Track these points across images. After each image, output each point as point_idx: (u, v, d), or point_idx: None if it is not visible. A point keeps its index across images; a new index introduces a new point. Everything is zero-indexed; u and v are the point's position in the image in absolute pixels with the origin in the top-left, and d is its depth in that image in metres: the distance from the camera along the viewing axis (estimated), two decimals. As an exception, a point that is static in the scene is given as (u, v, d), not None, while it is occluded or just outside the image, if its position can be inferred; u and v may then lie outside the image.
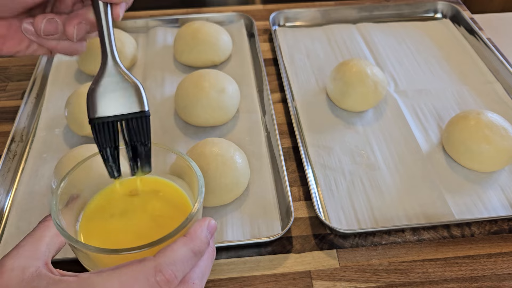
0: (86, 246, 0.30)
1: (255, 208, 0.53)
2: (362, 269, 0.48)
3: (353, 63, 0.64)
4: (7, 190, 0.55)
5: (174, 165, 0.37)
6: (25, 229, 0.51)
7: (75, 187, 0.35)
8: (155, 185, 0.38)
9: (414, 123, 0.64)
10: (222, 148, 0.53)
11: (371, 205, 0.54)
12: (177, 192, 0.38)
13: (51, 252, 0.32)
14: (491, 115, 0.57)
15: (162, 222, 0.36)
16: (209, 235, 0.32)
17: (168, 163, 0.38)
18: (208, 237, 0.32)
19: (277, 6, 0.88)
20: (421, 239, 0.51)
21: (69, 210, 0.34)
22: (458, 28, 0.82)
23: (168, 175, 0.38)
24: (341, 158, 0.59)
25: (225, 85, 0.62)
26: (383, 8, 0.85)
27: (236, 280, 0.47)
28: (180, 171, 0.37)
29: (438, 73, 0.73)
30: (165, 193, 0.38)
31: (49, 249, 0.31)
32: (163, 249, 0.30)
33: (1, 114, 0.66)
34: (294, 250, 0.50)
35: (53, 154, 0.59)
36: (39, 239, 0.31)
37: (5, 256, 0.30)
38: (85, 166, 0.36)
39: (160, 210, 0.37)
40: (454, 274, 0.48)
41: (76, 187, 0.35)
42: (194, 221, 0.32)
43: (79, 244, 0.30)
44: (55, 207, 0.32)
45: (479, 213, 0.53)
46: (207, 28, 0.72)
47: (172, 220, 0.34)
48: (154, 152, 0.36)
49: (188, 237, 0.31)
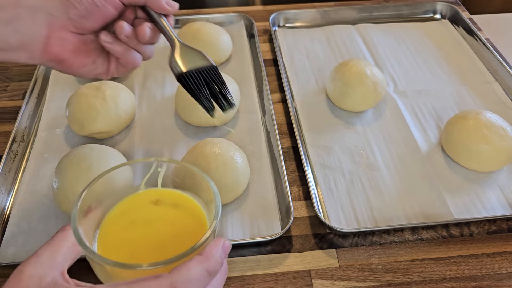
0: (104, 259, 0.31)
1: (255, 208, 0.53)
2: (362, 268, 0.48)
3: (352, 64, 0.64)
4: (9, 190, 0.56)
5: (193, 181, 0.38)
6: (26, 228, 0.51)
7: (96, 198, 0.36)
8: (176, 198, 0.39)
9: (413, 123, 0.64)
10: (222, 148, 0.53)
11: (370, 204, 0.54)
12: (196, 208, 0.38)
13: (68, 262, 0.33)
14: (490, 115, 0.57)
15: (180, 235, 0.36)
16: (223, 255, 0.32)
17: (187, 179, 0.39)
18: (222, 256, 0.32)
19: (277, 7, 0.88)
20: (420, 238, 0.51)
21: (88, 220, 0.35)
22: (457, 28, 0.83)
23: (187, 190, 0.39)
24: (340, 158, 0.60)
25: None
26: (382, 8, 0.85)
27: (236, 279, 0.48)
28: (198, 188, 0.38)
29: (437, 73, 0.74)
30: (184, 207, 0.39)
31: (65, 258, 0.32)
32: (178, 267, 0.30)
33: (2, 114, 0.67)
34: (293, 249, 0.50)
35: (54, 154, 0.60)
36: (56, 249, 0.32)
37: (24, 263, 0.31)
38: (107, 178, 0.37)
39: (179, 223, 0.37)
40: (453, 274, 0.48)
41: (96, 198, 0.36)
42: (210, 240, 0.33)
43: (96, 257, 0.31)
44: (76, 218, 0.33)
45: (478, 212, 0.53)
46: (208, 28, 0.72)
47: (190, 235, 0.35)
48: (174, 169, 0.39)
49: (203, 256, 0.31)
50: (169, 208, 0.39)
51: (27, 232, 0.51)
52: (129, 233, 0.37)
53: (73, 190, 0.49)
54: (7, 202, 0.55)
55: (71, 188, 0.49)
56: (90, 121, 0.58)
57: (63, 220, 0.52)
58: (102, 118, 0.58)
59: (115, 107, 0.60)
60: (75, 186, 0.49)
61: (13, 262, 0.47)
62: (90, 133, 0.59)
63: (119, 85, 0.63)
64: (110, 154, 0.53)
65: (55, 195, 0.51)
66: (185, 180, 0.39)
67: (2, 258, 0.48)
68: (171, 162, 0.39)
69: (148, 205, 0.39)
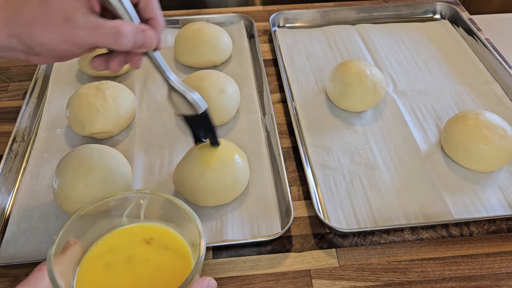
0: None
1: (255, 208, 0.53)
2: (361, 268, 0.48)
3: (352, 64, 0.65)
4: (9, 190, 0.56)
5: (176, 214, 0.37)
6: (26, 228, 0.51)
7: (75, 233, 0.35)
8: (161, 235, 0.38)
9: (413, 123, 0.65)
10: (222, 148, 0.53)
11: (370, 204, 0.54)
12: (180, 244, 0.37)
13: None
14: (490, 115, 0.57)
15: (163, 275, 0.35)
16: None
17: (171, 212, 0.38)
18: None
19: (277, 7, 0.88)
20: (420, 238, 0.51)
21: (66, 256, 0.34)
22: (456, 28, 0.83)
23: (172, 224, 0.38)
24: (340, 158, 0.60)
25: (226, 85, 0.62)
26: (382, 9, 0.85)
27: (236, 278, 0.48)
28: (181, 222, 0.37)
29: (436, 73, 0.74)
30: (169, 243, 0.38)
31: None
32: None
33: (3, 114, 0.67)
34: (293, 249, 0.50)
35: (55, 154, 0.60)
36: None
37: None
38: (85, 214, 0.35)
39: (162, 263, 0.36)
40: (453, 273, 0.48)
41: (76, 233, 0.35)
42: (194, 280, 0.32)
43: None
44: (51, 258, 0.32)
45: (478, 212, 0.53)
46: (208, 29, 0.72)
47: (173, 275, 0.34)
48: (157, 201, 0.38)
49: None
50: (156, 247, 0.37)
51: (28, 232, 0.51)
52: (110, 271, 0.35)
53: (73, 190, 0.49)
54: (8, 202, 0.55)
55: (71, 188, 0.49)
56: (90, 121, 0.58)
57: (63, 220, 0.52)
58: (103, 118, 0.59)
59: (115, 107, 0.60)
60: (76, 186, 0.49)
61: (13, 262, 0.48)
62: (90, 133, 0.59)
63: (120, 85, 0.63)
64: (110, 154, 0.53)
65: (55, 195, 0.51)
66: (169, 212, 0.37)
67: (2, 258, 0.48)
68: (153, 194, 0.37)
69: (132, 243, 0.37)
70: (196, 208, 0.53)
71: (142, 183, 0.56)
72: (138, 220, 0.39)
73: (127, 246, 0.37)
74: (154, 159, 0.59)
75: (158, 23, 0.42)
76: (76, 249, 0.35)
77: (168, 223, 0.38)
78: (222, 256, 0.49)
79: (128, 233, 0.38)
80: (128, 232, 0.38)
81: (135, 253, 0.37)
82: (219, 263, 0.49)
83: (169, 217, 0.38)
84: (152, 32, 0.40)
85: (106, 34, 0.37)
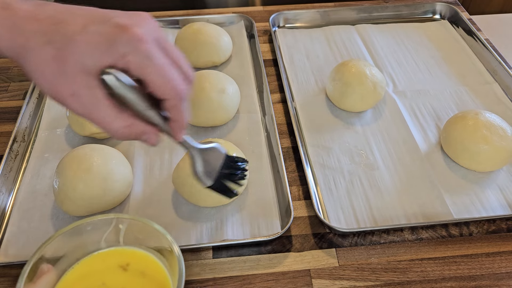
0: None
1: (255, 208, 0.53)
2: (361, 268, 0.49)
3: (352, 64, 0.65)
4: (9, 190, 0.56)
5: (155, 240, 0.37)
6: (27, 228, 0.51)
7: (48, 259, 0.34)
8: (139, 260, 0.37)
9: (413, 123, 0.65)
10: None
11: (370, 204, 0.54)
12: (159, 271, 0.37)
13: None
14: (489, 115, 0.57)
15: None
16: None
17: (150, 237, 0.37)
18: None
19: (277, 7, 0.88)
20: (420, 238, 0.51)
21: (38, 285, 0.33)
22: (456, 29, 0.83)
23: (151, 249, 0.38)
24: (340, 158, 0.60)
25: (226, 85, 0.62)
26: (381, 9, 0.85)
27: (236, 278, 0.48)
28: (161, 247, 0.37)
29: (436, 73, 0.74)
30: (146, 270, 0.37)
31: None
32: None
33: (3, 114, 0.67)
34: (293, 249, 0.50)
35: (55, 154, 0.60)
36: None
37: None
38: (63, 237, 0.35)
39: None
40: (453, 273, 0.48)
41: (49, 259, 0.34)
42: None
43: None
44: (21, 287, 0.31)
45: (477, 212, 0.53)
46: (208, 29, 0.72)
47: None
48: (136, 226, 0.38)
49: None
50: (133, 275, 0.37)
51: (28, 232, 0.51)
52: None
53: (73, 190, 0.49)
54: (8, 202, 0.55)
55: (71, 188, 0.49)
56: (90, 121, 0.58)
57: (64, 220, 0.52)
58: (103, 118, 0.59)
59: (115, 107, 0.60)
60: (76, 186, 0.49)
61: (14, 261, 0.48)
62: (90, 133, 0.59)
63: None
64: (110, 154, 0.53)
65: (55, 195, 0.51)
66: (148, 237, 0.37)
67: (3, 258, 0.48)
68: (132, 220, 0.37)
69: (107, 268, 0.37)
70: (196, 209, 0.53)
71: (142, 183, 0.56)
72: (117, 244, 0.38)
73: (102, 272, 0.37)
74: (154, 159, 0.59)
75: (180, 126, 0.38)
76: (50, 276, 0.34)
77: (147, 247, 0.38)
78: (222, 256, 0.49)
79: (105, 258, 0.37)
80: (104, 257, 0.37)
81: (111, 280, 0.36)
82: (219, 263, 0.49)
83: (148, 242, 0.37)
84: (154, 135, 0.38)
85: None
